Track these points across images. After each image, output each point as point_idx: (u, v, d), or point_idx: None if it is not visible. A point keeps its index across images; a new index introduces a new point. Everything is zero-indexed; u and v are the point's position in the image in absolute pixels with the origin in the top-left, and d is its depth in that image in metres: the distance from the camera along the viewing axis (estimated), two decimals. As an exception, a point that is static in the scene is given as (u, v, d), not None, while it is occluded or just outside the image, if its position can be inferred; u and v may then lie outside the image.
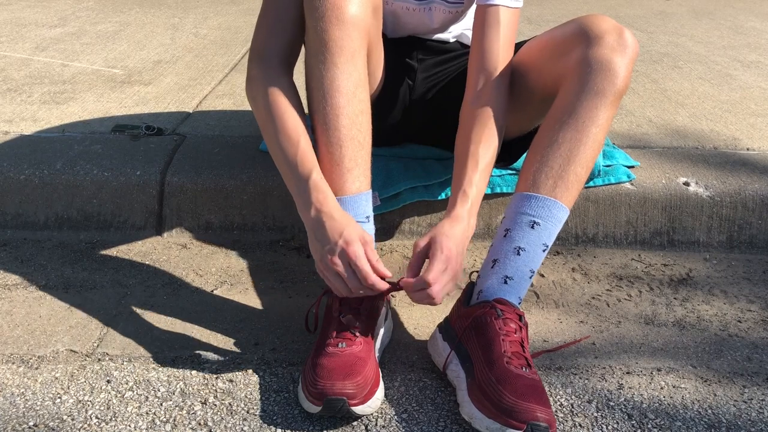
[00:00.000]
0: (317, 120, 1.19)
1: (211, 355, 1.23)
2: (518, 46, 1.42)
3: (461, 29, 1.53)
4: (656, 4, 3.77)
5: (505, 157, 1.52)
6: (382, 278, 1.10)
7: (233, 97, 2.15)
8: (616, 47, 1.19)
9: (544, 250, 1.19)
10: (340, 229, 1.10)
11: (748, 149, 1.80)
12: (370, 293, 1.11)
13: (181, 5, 3.59)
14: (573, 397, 1.15)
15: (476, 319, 1.14)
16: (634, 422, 1.09)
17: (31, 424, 1.08)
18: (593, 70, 1.19)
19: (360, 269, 1.08)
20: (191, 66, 2.49)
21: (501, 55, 1.29)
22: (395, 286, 1.12)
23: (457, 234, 1.13)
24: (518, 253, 1.17)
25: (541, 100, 1.30)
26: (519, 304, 1.17)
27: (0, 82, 2.27)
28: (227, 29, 3.07)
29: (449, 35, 1.53)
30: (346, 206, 1.19)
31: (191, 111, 2.03)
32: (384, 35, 1.50)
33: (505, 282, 1.16)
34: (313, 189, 1.15)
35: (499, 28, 1.29)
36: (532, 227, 1.17)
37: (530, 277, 1.18)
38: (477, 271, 1.22)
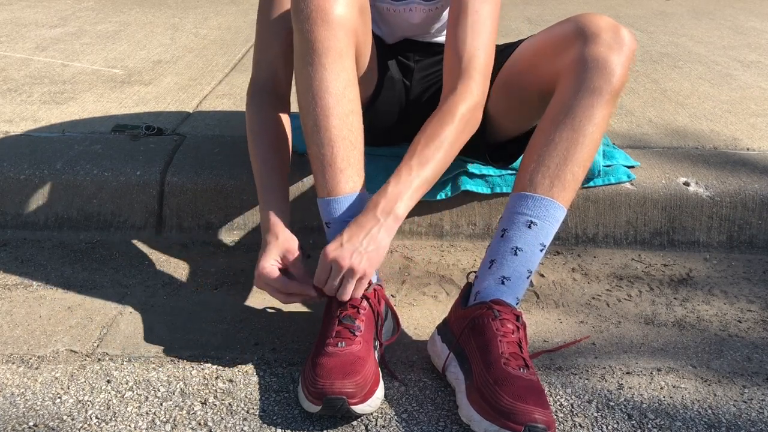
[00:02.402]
0: (307, 122, 1.19)
1: (211, 355, 1.23)
2: (516, 45, 1.42)
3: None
4: (656, 4, 3.77)
5: (504, 157, 1.52)
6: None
7: (233, 97, 2.15)
8: (613, 45, 1.19)
9: (541, 250, 1.18)
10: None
11: (748, 149, 1.80)
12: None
13: (181, 5, 3.59)
14: (573, 397, 1.15)
15: (473, 320, 1.14)
16: (634, 422, 1.09)
17: (31, 424, 1.08)
18: (589, 69, 1.18)
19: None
20: (191, 66, 2.49)
21: (472, 47, 1.25)
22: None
23: (366, 231, 1.14)
24: (515, 254, 1.17)
25: (538, 99, 1.30)
26: (517, 304, 1.17)
27: (0, 82, 2.27)
28: (227, 29, 3.07)
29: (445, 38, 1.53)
30: (340, 206, 1.19)
31: (191, 111, 2.03)
32: (382, 40, 1.51)
33: (503, 282, 1.16)
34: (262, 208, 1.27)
35: (467, 17, 1.26)
36: (529, 227, 1.17)
37: (528, 278, 1.18)
38: (475, 272, 1.22)
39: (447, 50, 1.29)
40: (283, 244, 1.20)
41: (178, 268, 1.50)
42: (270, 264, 1.18)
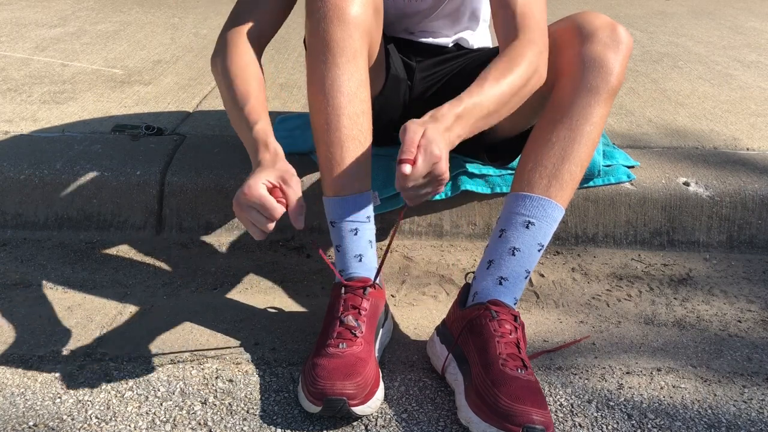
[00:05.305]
0: (318, 120, 1.19)
1: (211, 355, 1.23)
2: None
3: (459, 34, 1.54)
4: (656, 4, 3.77)
5: (503, 157, 1.52)
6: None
7: (233, 97, 2.15)
8: (609, 43, 1.19)
9: (539, 250, 1.18)
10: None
11: (748, 149, 1.80)
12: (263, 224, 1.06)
13: (181, 5, 3.59)
14: (573, 397, 1.15)
15: (471, 321, 1.14)
16: (634, 422, 1.09)
17: (31, 424, 1.08)
18: (586, 68, 1.18)
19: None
20: (191, 66, 2.49)
21: (525, 4, 1.19)
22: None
23: (435, 131, 1.01)
24: (513, 254, 1.17)
25: (537, 98, 1.29)
26: (515, 304, 1.17)
27: (0, 82, 2.27)
28: (227, 29, 3.07)
29: (448, 39, 1.54)
30: (346, 206, 1.19)
31: (191, 111, 2.03)
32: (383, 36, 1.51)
33: (500, 283, 1.16)
34: (257, 136, 1.14)
35: None
36: (527, 227, 1.17)
37: (526, 278, 1.18)
38: (473, 272, 1.22)
39: (496, 12, 1.22)
40: (282, 166, 1.09)
41: (178, 268, 1.50)
42: (261, 183, 1.05)
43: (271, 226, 1.06)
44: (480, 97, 1.08)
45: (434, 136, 1.00)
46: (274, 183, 1.07)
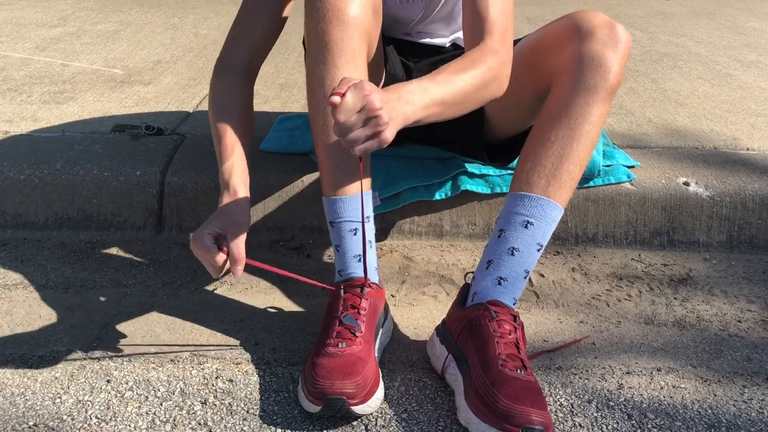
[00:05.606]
0: (317, 121, 1.19)
1: (211, 355, 1.23)
2: (513, 44, 1.41)
3: (456, 33, 1.54)
4: (656, 4, 3.77)
5: (502, 157, 1.52)
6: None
7: (233, 97, 2.14)
8: (608, 42, 1.18)
9: (538, 250, 1.18)
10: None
11: (748, 149, 1.80)
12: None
13: (181, 5, 3.59)
14: (573, 397, 1.15)
15: (471, 321, 1.14)
16: (634, 422, 1.09)
17: (31, 423, 1.08)
18: (585, 66, 1.18)
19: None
20: (191, 66, 2.49)
21: (494, 10, 1.19)
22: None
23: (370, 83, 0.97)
24: (512, 254, 1.17)
25: (536, 97, 1.30)
26: (514, 304, 1.17)
27: (0, 82, 2.27)
28: (227, 29, 3.06)
29: (445, 39, 1.54)
30: (346, 206, 1.19)
31: (191, 111, 2.03)
32: (382, 35, 1.51)
33: (499, 283, 1.16)
34: (221, 176, 1.23)
35: None
36: (526, 227, 1.17)
37: (525, 278, 1.18)
38: (473, 272, 1.22)
39: (466, 15, 1.23)
40: (231, 215, 1.15)
41: (178, 268, 1.50)
42: (206, 233, 1.12)
43: (217, 273, 1.14)
44: (431, 84, 1.06)
45: (367, 82, 0.96)
46: (219, 232, 1.13)
